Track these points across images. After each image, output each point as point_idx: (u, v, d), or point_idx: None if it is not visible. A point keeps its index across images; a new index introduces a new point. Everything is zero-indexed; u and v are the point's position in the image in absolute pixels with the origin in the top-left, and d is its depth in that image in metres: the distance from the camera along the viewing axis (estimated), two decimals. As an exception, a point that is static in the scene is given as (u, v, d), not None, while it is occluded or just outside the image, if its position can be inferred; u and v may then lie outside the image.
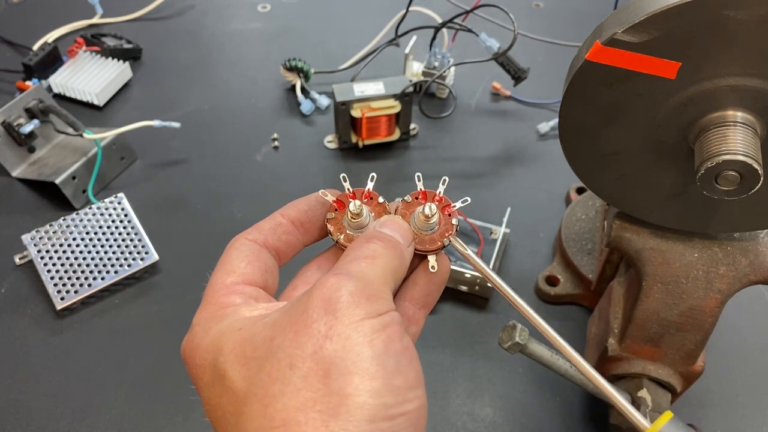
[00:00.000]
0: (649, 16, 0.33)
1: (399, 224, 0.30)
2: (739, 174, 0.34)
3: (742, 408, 0.57)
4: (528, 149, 0.80)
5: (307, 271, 0.31)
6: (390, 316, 0.25)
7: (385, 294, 0.26)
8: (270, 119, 0.83)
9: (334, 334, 0.23)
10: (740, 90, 0.35)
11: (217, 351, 0.25)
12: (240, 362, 0.24)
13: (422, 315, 0.31)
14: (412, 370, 0.24)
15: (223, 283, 0.28)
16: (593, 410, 0.56)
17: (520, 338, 0.43)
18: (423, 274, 0.31)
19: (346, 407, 0.22)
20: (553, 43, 0.87)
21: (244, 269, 0.28)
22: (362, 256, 0.27)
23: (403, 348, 0.24)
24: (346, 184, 0.31)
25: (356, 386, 0.22)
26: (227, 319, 0.26)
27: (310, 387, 0.22)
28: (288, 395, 0.22)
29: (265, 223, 0.30)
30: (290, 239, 0.30)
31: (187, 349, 0.27)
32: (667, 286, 0.45)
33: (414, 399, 0.24)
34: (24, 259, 0.66)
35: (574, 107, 0.39)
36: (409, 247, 0.29)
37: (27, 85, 0.82)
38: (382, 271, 0.26)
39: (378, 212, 0.31)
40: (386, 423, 0.22)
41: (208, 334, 0.26)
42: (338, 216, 0.31)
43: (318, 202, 0.31)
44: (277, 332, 0.24)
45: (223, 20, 1.00)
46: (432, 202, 0.31)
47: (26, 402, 0.56)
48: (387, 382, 0.23)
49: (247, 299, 0.28)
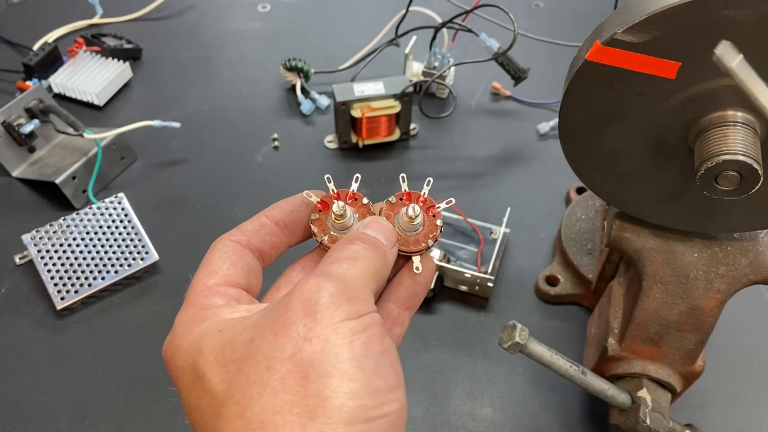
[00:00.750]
0: (649, 16, 0.33)
1: (383, 225, 0.29)
2: (739, 174, 0.34)
3: (742, 408, 0.57)
4: (528, 149, 0.80)
5: (291, 272, 0.31)
6: (370, 317, 0.24)
7: (366, 295, 0.25)
8: (270, 119, 0.83)
9: (313, 336, 0.23)
10: (740, 90, 0.35)
11: (197, 353, 0.25)
12: (219, 364, 0.24)
13: (407, 316, 0.31)
14: (392, 371, 0.24)
15: (205, 284, 0.28)
16: (593, 410, 0.56)
17: (520, 338, 0.43)
18: (407, 275, 0.31)
19: (323, 409, 0.22)
20: (553, 43, 0.87)
21: (226, 270, 0.28)
22: (344, 257, 0.26)
23: (384, 350, 0.24)
24: (330, 185, 0.31)
25: (334, 388, 0.22)
26: (208, 321, 0.26)
27: (288, 389, 0.22)
28: (266, 397, 0.22)
29: (248, 224, 0.30)
30: (274, 240, 0.30)
31: (168, 350, 0.27)
32: (667, 286, 0.45)
33: (394, 401, 0.23)
34: (24, 259, 0.66)
35: (574, 107, 0.39)
36: (393, 249, 0.29)
37: (27, 85, 0.82)
38: (364, 272, 0.26)
39: (362, 213, 0.31)
40: (365, 425, 0.22)
41: (189, 335, 0.26)
42: (322, 217, 0.31)
43: (302, 202, 0.31)
44: (256, 334, 0.24)
45: (223, 20, 1.00)
46: (416, 203, 0.31)
47: (26, 402, 0.56)
48: (366, 384, 0.22)
49: (229, 301, 0.27)
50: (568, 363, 0.45)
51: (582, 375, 0.46)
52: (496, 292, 0.65)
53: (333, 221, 0.30)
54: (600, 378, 0.47)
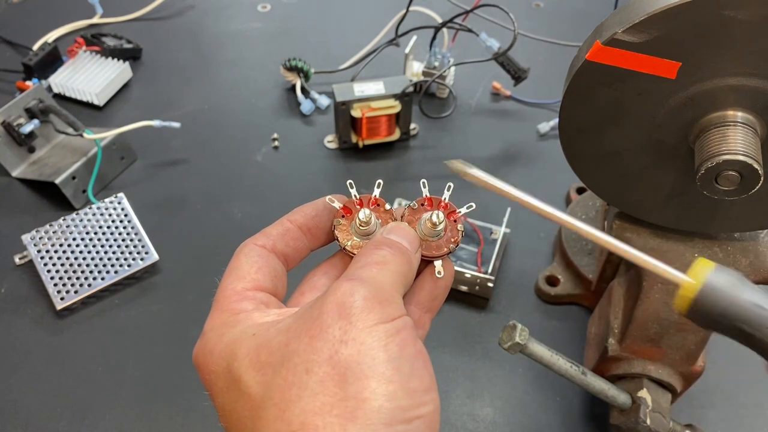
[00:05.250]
0: (649, 16, 0.33)
1: (406, 231, 0.30)
2: (739, 174, 0.34)
3: (742, 408, 0.57)
4: (528, 149, 0.80)
5: (313, 277, 0.31)
6: (403, 320, 0.25)
7: (397, 299, 0.26)
8: (270, 119, 0.83)
9: (349, 339, 0.23)
10: (740, 90, 0.35)
11: (231, 356, 0.25)
12: (255, 367, 0.24)
13: (428, 319, 0.32)
14: (426, 373, 0.24)
15: (234, 289, 0.28)
16: (593, 410, 0.56)
17: (520, 338, 0.43)
18: (429, 279, 0.31)
19: (363, 411, 0.22)
20: (553, 43, 0.87)
21: (254, 275, 0.29)
22: (373, 262, 0.27)
23: (417, 351, 0.25)
24: (353, 191, 0.32)
25: (372, 390, 0.22)
26: (240, 325, 0.26)
27: (327, 391, 0.22)
28: (305, 399, 0.23)
29: (273, 229, 0.31)
30: (298, 245, 0.31)
31: (200, 355, 0.27)
32: (667, 286, 0.45)
33: (429, 402, 0.24)
34: (24, 259, 0.66)
35: (574, 107, 0.39)
36: (417, 254, 0.30)
37: (27, 85, 0.82)
38: (393, 276, 0.27)
39: (384, 219, 0.31)
40: (403, 426, 0.22)
41: (222, 340, 0.26)
42: (345, 222, 0.31)
43: (325, 207, 0.31)
44: (291, 337, 0.24)
45: (223, 20, 1.00)
46: (438, 208, 0.31)
47: (26, 402, 0.56)
48: (403, 385, 0.23)
49: (258, 305, 0.28)
50: (568, 363, 0.45)
51: (582, 375, 0.46)
52: (496, 292, 0.65)
53: (357, 227, 0.30)
54: (600, 378, 0.47)
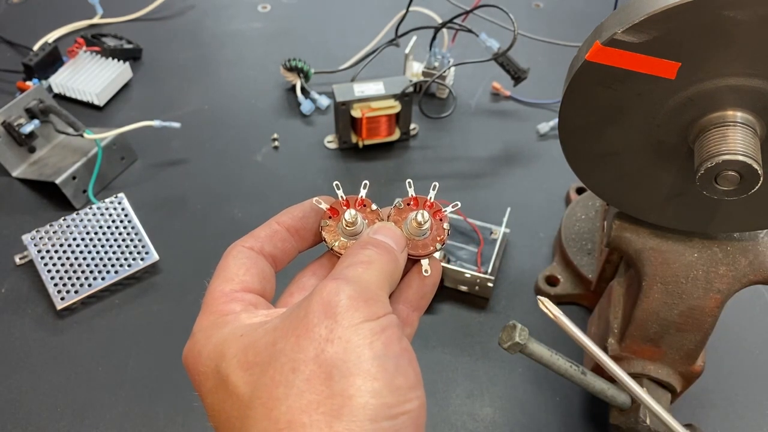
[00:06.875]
0: (649, 16, 0.33)
1: (392, 231, 0.30)
2: (739, 174, 0.34)
3: (742, 408, 0.57)
4: (528, 149, 0.80)
5: (302, 278, 0.32)
6: (388, 318, 0.25)
7: (382, 297, 0.26)
8: (270, 119, 0.83)
9: (335, 338, 0.24)
10: (740, 90, 0.35)
11: (219, 357, 0.25)
12: (243, 367, 0.25)
13: (416, 317, 0.32)
14: (412, 370, 0.25)
15: (222, 291, 0.28)
16: (593, 410, 0.56)
17: (520, 338, 0.43)
18: (416, 277, 0.32)
19: (349, 408, 0.22)
20: (553, 43, 0.87)
21: (242, 277, 0.29)
22: (358, 261, 0.27)
23: (402, 349, 0.25)
24: (339, 192, 0.32)
25: (358, 387, 0.23)
26: (228, 326, 0.27)
27: (313, 389, 0.23)
28: (292, 398, 0.23)
29: (260, 231, 0.31)
30: (286, 246, 0.31)
31: (189, 356, 0.27)
32: (667, 286, 0.45)
33: (414, 398, 0.24)
34: (24, 259, 0.66)
35: (574, 107, 0.39)
36: (403, 253, 0.30)
37: (27, 85, 0.82)
38: (378, 275, 0.27)
39: (371, 219, 0.32)
40: (388, 422, 0.23)
41: (210, 341, 0.26)
42: (332, 223, 0.31)
43: (312, 209, 0.32)
44: (278, 337, 0.24)
45: (223, 20, 1.00)
46: (423, 208, 0.32)
47: (26, 402, 0.56)
48: (388, 382, 0.23)
49: (246, 306, 0.28)
50: (568, 363, 0.45)
51: (582, 375, 0.46)
52: (496, 292, 0.65)
53: (344, 228, 0.31)
54: (600, 378, 0.47)
